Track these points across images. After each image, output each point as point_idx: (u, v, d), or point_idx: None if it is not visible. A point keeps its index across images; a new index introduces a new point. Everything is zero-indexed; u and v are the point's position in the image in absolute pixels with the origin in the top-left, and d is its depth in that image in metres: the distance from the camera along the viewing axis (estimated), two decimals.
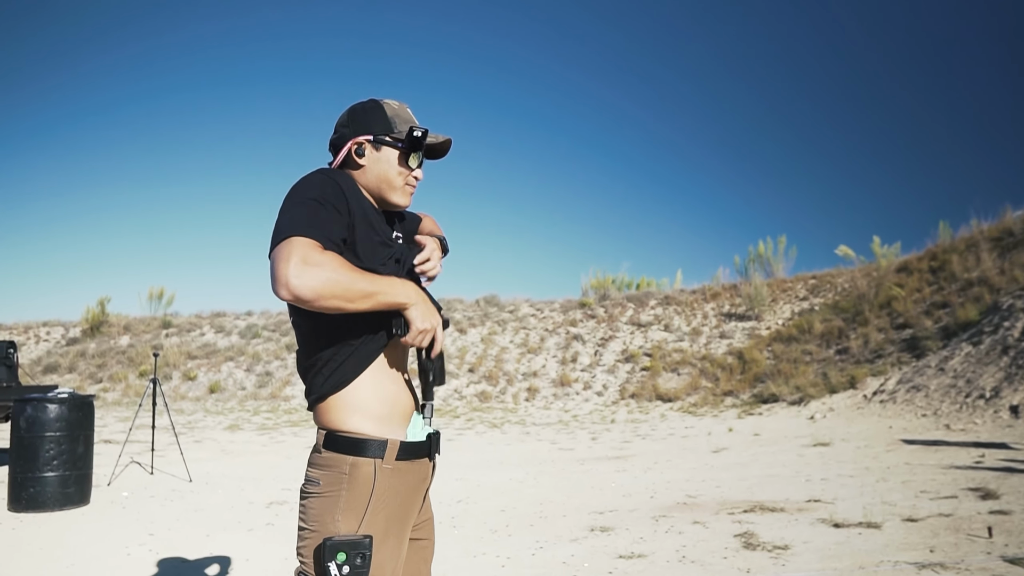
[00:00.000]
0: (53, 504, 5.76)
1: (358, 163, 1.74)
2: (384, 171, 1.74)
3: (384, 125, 1.74)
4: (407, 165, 1.75)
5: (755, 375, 14.68)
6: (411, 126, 1.73)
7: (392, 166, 1.74)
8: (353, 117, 1.76)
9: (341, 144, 1.76)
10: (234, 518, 5.60)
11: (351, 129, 1.75)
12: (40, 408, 5.85)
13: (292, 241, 1.48)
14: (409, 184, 1.78)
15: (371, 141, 1.74)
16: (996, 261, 13.95)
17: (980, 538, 4.28)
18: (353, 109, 1.78)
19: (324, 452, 1.61)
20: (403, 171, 1.75)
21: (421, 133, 1.72)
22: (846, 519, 4.92)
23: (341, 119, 1.78)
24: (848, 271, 18.10)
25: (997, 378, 10.16)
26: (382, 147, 1.74)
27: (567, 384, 16.45)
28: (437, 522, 5.28)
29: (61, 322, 22.97)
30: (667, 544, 4.55)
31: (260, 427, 12.99)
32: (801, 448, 8.95)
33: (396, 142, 1.74)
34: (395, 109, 1.77)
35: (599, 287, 20.70)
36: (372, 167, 1.74)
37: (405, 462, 1.65)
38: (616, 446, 10.11)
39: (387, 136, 1.74)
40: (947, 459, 7.35)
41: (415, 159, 1.76)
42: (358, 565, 1.51)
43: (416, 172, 1.78)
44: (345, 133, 1.75)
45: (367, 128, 1.74)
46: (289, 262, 1.45)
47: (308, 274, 1.45)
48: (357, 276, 1.52)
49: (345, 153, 1.75)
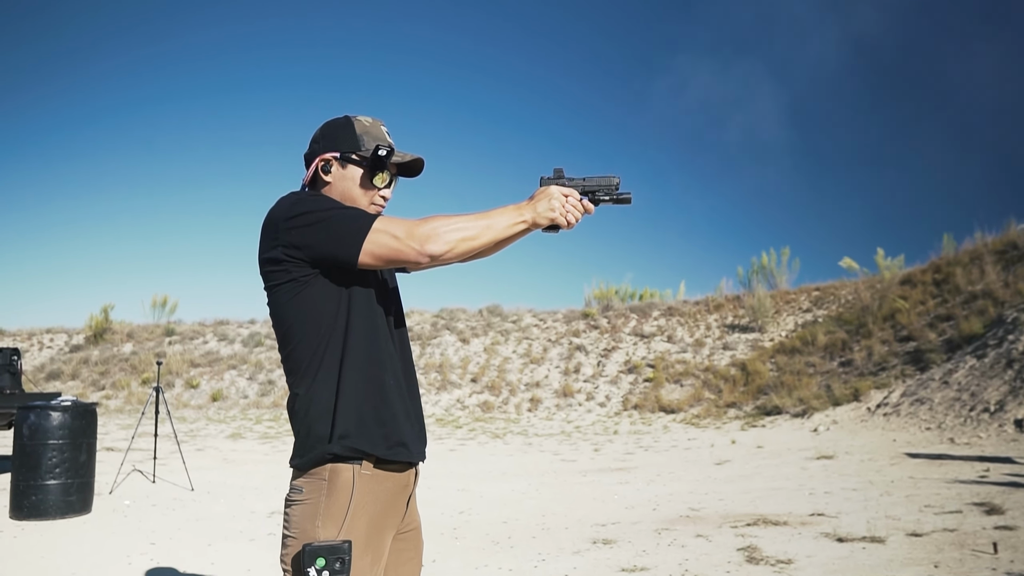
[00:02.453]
0: (55, 512, 5.75)
1: (324, 180, 1.73)
2: (348, 189, 1.73)
3: (351, 143, 1.72)
4: (372, 184, 1.73)
5: (758, 387, 14.64)
6: (377, 144, 1.70)
7: (355, 184, 1.73)
8: (324, 133, 1.76)
9: (312, 159, 1.75)
10: (236, 527, 5.59)
11: (321, 145, 1.74)
12: (43, 415, 5.85)
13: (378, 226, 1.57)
14: (375, 203, 1.75)
15: (337, 158, 1.72)
16: (1000, 274, 13.92)
17: (985, 554, 4.26)
18: (326, 124, 1.77)
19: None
20: (369, 191, 1.73)
21: (385, 151, 1.69)
22: (850, 533, 4.89)
23: (315, 134, 1.78)
24: (852, 283, 18.06)
25: (1002, 392, 10.13)
26: (348, 165, 1.73)
27: (570, 395, 16.42)
28: (439, 533, 5.27)
29: (64, 329, 23.00)
30: (670, 558, 4.53)
31: (262, 436, 12.97)
32: (804, 461, 8.92)
33: (361, 160, 1.72)
34: (366, 126, 1.75)
35: (602, 298, 20.69)
36: (337, 184, 1.73)
37: (385, 469, 1.65)
38: (619, 458, 10.08)
39: (353, 154, 1.72)
40: (951, 473, 7.32)
41: (381, 179, 1.73)
42: (337, 570, 1.51)
43: (384, 191, 1.75)
44: (316, 148, 1.75)
45: (335, 145, 1.73)
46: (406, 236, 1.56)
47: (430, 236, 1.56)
48: (470, 217, 1.61)
49: (313, 169, 1.74)
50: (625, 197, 1.75)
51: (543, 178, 1.74)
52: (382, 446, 1.63)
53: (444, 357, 18.66)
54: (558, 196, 1.67)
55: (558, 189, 1.68)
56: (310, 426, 1.61)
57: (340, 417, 1.60)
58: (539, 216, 1.66)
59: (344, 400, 1.61)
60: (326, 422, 1.60)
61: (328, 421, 1.60)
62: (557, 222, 1.67)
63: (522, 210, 1.66)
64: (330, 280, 1.63)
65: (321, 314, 1.63)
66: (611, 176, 1.74)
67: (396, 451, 1.65)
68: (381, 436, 1.63)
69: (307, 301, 1.63)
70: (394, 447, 1.65)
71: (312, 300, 1.63)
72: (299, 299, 1.63)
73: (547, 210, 1.66)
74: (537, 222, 1.66)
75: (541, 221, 1.66)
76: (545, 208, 1.66)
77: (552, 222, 1.67)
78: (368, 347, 1.65)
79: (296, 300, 1.63)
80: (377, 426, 1.63)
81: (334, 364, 1.62)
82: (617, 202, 1.75)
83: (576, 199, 1.69)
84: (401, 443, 1.67)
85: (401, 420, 1.68)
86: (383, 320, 1.72)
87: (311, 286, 1.62)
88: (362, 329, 1.65)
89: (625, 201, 1.75)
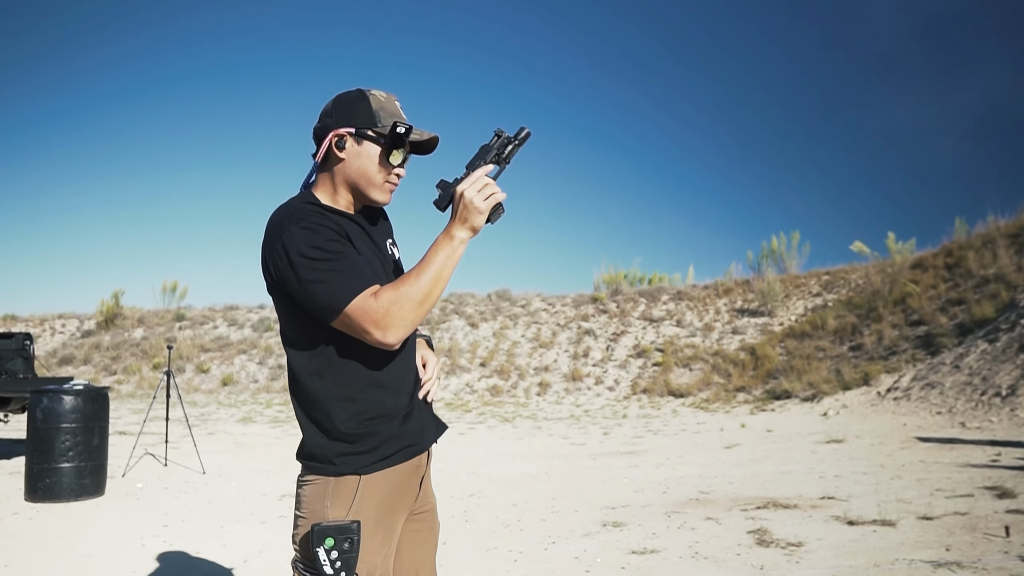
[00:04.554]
0: (69, 495, 5.81)
1: (338, 156, 1.67)
2: (364, 166, 1.67)
3: (367, 118, 1.66)
4: (388, 162, 1.68)
5: (768, 371, 14.60)
6: (395, 121, 1.65)
7: (372, 162, 1.67)
8: (337, 107, 1.68)
9: (323, 135, 1.68)
10: (247, 510, 5.63)
11: (334, 119, 1.67)
12: (56, 399, 5.89)
13: (350, 312, 1.52)
14: (390, 182, 1.71)
15: (352, 134, 1.66)
16: (1013, 258, 13.80)
17: (997, 537, 4.24)
18: (338, 98, 1.70)
19: None
20: (384, 168, 1.68)
21: (404, 129, 1.63)
22: (860, 516, 4.88)
23: (326, 108, 1.71)
24: (862, 267, 17.94)
25: (1014, 376, 10.06)
26: (364, 141, 1.66)
27: (579, 379, 16.43)
28: (449, 516, 5.29)
29: (76, 314, 23.16)
30: (680, 540, 4.54)
31: (272, 420, 13.05)
32: (814, 445, 8.90)
33: (379, 137, 1.66)
34: (381, 101, 1.69)
35: (611, 282, 20.64)
36: (352, 161, 1.67)
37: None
38: (628, 441, 10.09)
39: (369, 130, 1.66)
40: (963, 457, 7.29)
41: (397, 156, 1.67)
42: (346, 550, 1.51)
43: (398, 169, 1.70)
44: (328, 123, 1.68)
45: (349, 120, 1.66)
46: (369, 331, 1.52)
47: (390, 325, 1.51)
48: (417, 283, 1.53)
49: (326, 146, 1.68)
50: (522, 135, 1.65)
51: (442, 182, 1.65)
52: (390, 451, 1.64)
53: (453, 341, 18.69)
54: (476, 196, 1.57)
55: (464, 186, 1.58)
56: (309, 431, 1.64)
57: (342, 423, 1.60)
58: (473, 222, 1.56)
59: (345, 402, 1.61)
60: (328, 431, 1.61)
61: (329, 430, 1.61)
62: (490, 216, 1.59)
63: (453, 236, 1.57)
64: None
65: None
66: (493, 138, 1.65)
67: (401, 454, 1.66)
68: (386, 442, 1.64)
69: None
70: (401, 451, 1.66)
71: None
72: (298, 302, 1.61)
73: (474, 211, 1.56)
74: (475, 228, 1.57)
75: (478, 224, 1.57)
76: (472, 210, 1.56)
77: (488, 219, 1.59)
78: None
79: (295, 302, 1.60)
80: (379, 436, 1.63)
81: (336, 361, 1.61)
82: (520, 142, 1.65)
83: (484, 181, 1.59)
84: (408, 445, 1.67)
85: (407, 420, 1.69)
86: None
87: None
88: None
89: (525, 137, 1.65)
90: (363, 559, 1.54)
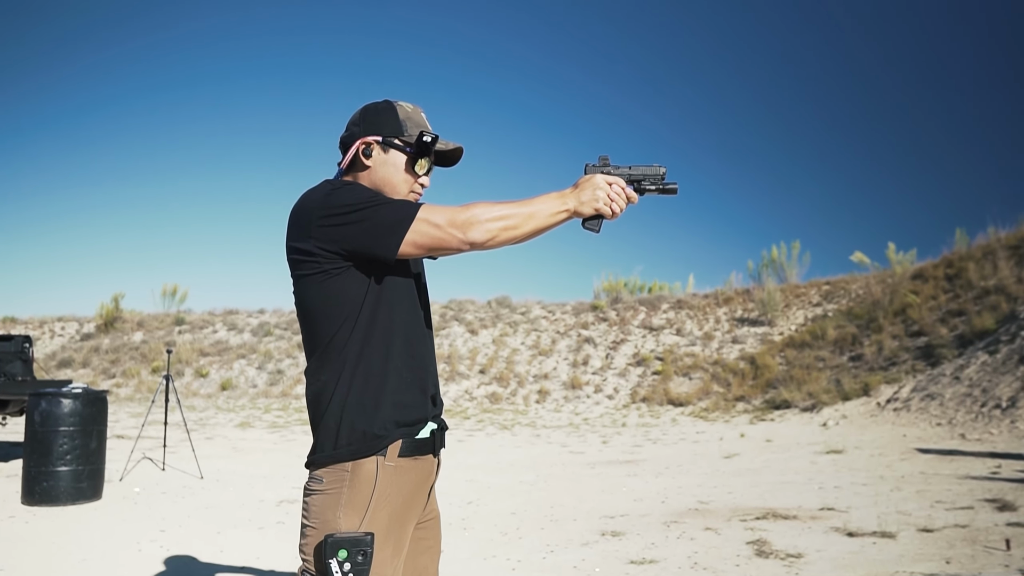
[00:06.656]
0: (66, 498, 5.79)
1: (364, 164, 1.71)
2: (390, 175, 1.71)
3: (394, 127, 1.70)
4: (413, 171, 1.72)
5: (767, 381, 14.59)
6: (421, 130, 1.69)
7: (399, 170, 1.71)
8: (365, 116, 1.73)
9: (350, 143, 1.73)
10: (245, 516, 5.61)
11: (361, 128, 1.72)
12: (54, 403, 5.88)
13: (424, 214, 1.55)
14: (414, 191, 1.74)
15: (379, 143, 1.70)
16: (1013, 269, 13.80)
17: (997, 550, 4.22)
18: (366, 108, 1.75)
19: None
20: (409, 177, 1.72)
21: (431, 139, 1.68)
22: (860, 528, 4.86)
23: (354, 117, 1.76)
24: (863, 277, 17.94)
25: (1014, 388, 10.05)
26: (390, 150, 1.71)
27: (578, 387, 16.41)
28: (447, 523, 5.27)
29: (76, 317, 23.16)
30: (679, 550, 4.52)
31: (271, 425, 13.03)
32: (814, 455, 8.88)
33: (405, 146, 1.70)
34: (408, 112, 1.73)
35: (611, 290, 20.64)
36: (378, 169, 1.71)
37: (409, 459, 1.63)
38: (627, 450, 10.07)
39: (396, 139, 1.70)
40: (963, 469, 7.27)
41: (423, 165, 1.72)
42: (359, 562, 1.49)
43: (423, 179, 1.74)
44: (355, 132, 1.72)
45: (377, 129, 1.71)
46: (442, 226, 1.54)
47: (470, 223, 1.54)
48: (511, 205, 1.57)
49: (353, 153, 1.71)
50: (671, 187, 1.71)
51: (588, 165, 1.69)
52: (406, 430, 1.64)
53: (453, 348, 18.67)
54: (603, 185, 1.63)
55: (603, 177, 1.64)
56: (331, 421, 1.61)
57: (363, 409, 1.59)
58: (582, 205, 1.62)
59: (370, 391, 1.60)
60: (351, 415, 1.59)
61: (354, 414, 1.59)
62: (601, 212, 1.63)
63: (565, 198, 1.62)
64: (360, 270, 1.61)
65: (349, 303, 1.61)
66: (656, 166, 1.70)
67: (416, 444, 1.66)
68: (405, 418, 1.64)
69: (335, 290, 1.60)
70: (415, 423, 1.66)
71: (341, 289, 1.60)
72: (327, 287, 1.61)
73: (591, 199, 1.61)
74: (580, 211, 1.62)
75: (584, 210, 1.62)
76: (589, 197, 1.61)
77: (596, 212, 1.63)
78: (395, 335, 1.64)
79: (324, 288, 1.61)
80: (400, 412, 1.63)
81: (360, 353, 1.61)
82: (663, 192, 1.71)
83: (621, 187, 1.65)
84: (422, 419, 1.68)
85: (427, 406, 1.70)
86: (410, 305, 1.70)
87: (341, 276, 1.60)
88: (390, 317, 1.64)
89: (671, 191, 1.71)
90: (375, 571, 1.52)
